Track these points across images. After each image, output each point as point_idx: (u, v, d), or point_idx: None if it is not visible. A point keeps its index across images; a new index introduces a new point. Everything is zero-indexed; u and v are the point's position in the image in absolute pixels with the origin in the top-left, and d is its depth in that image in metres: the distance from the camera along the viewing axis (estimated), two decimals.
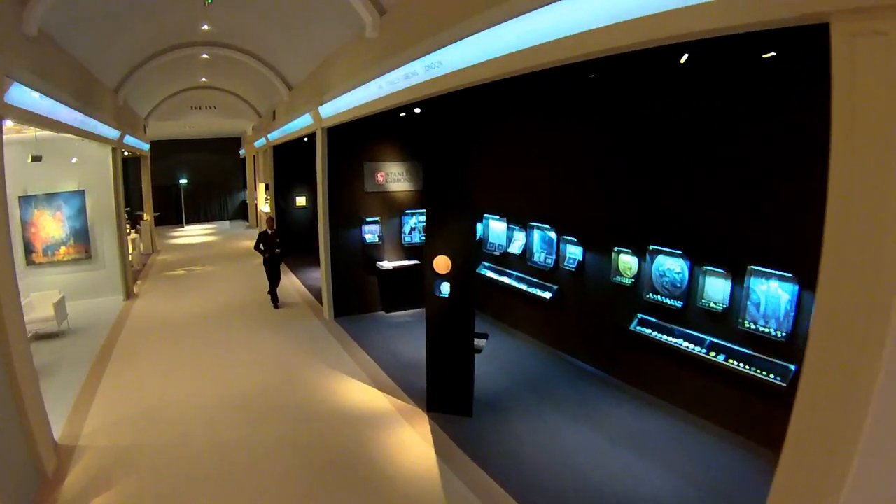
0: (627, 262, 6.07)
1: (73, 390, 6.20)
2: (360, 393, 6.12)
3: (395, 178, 9.12)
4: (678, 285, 5.53)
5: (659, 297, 5.71)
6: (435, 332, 5.51)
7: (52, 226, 10.46)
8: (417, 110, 6.28)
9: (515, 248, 8.07)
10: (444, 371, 5.50)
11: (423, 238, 9.36)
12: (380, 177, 8.99)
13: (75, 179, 10.35)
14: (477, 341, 5.55)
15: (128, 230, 13.10)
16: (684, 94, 5.35)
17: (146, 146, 15.23)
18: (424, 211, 9.30)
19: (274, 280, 9.75)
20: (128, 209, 21.50)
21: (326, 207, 8.32)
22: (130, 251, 13.74)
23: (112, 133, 9.40)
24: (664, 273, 5.66)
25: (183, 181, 22.91)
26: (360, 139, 8.61)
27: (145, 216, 15.97)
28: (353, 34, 6.52)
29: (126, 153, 14.04)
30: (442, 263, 5.28)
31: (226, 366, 6.91)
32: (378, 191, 8.98)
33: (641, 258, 5.90)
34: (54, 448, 4.88)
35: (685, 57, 3.68)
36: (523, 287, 7.77)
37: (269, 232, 9.48)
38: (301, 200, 14.66)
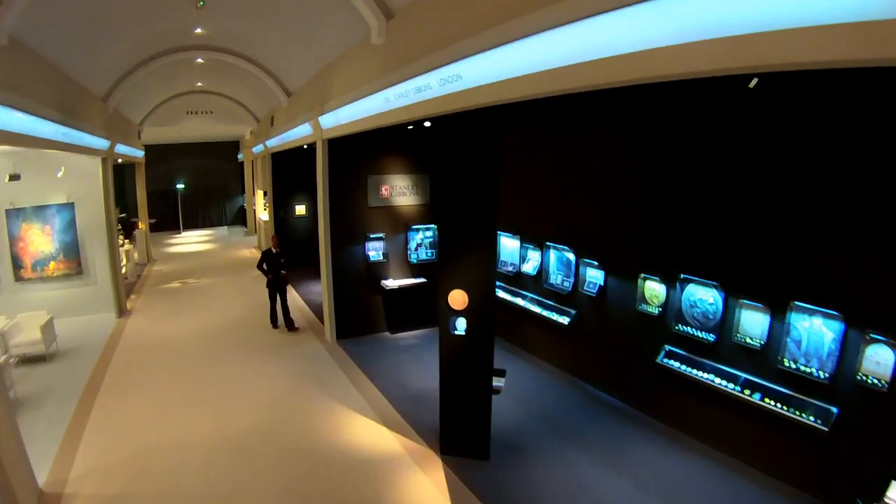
0: (654, 290, 5.65)
1: (61, 426, 5.74)
2: (368, 432, 5.64)
3: (400, 191, 8.63)
4: (710, 317, 5.11)
5: (689, 328, 5.31)
6: (449, 372, 5.03)
7: (40, 240, 9.99)
8: (428, 123, 5.78)
9: (530, 268, 7.60)
10: (460, 413, 5.02)
11: (430, 254, 8.95)
12: (384, 191, 8.50)
13: (64, 191, 9.86)
14: (495, 381, 5.06)
15: (121, 241, 12.64)
16: (722, 116, 4.87)
17: (140, 153, 14.74)
18: (432, 226, 8.84)
19: (280, 301, 9.03)
20: (123, 215, 21.07)
21: (327, 223, 7.83)
22: (124, 262, 13.28)
23: (101, 143, 8.91)
24: (695, 303, 5.24)
25: (180, 186, 22.41)
26: (363, 151, 8.11)
27: (140, 224, 15.48)
28: (356, 39, 6.03)
29: (120, 160, 13.56)
30: (458, 299, 4.80)
31: (223, 398, 6.43)
32: (383, 205, 8.48)
33: (670, 286, 5.46)
34: (38, 498, 4.43)
35: (755, 82, 3.18)
36: (539, 310, 7.29)
37: (274, 251, 8.75)
38: (300, 209, 14.16)
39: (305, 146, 10.72)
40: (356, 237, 8.34)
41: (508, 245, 8.07)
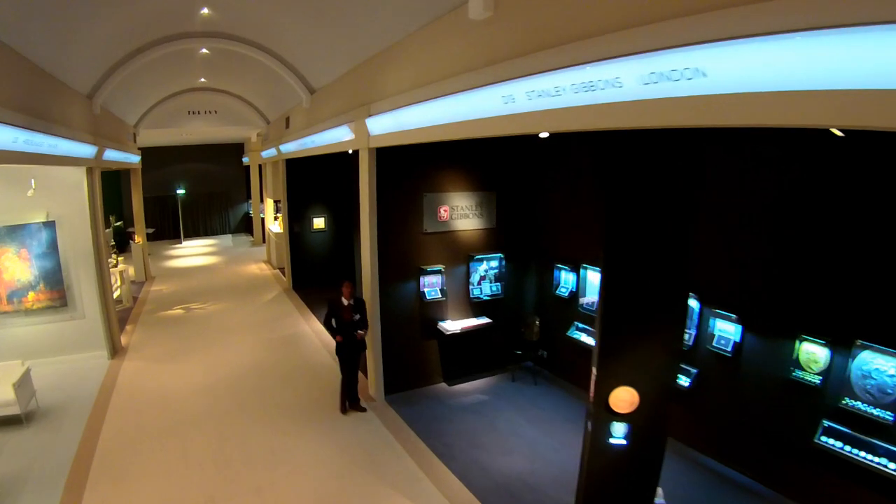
0: (814, 354, 4.43)
1: None
2: None
3: (461, 213, 6.98)
4: (889, 392, 4.00)
5: (858, 403, 4.16)
6: (597, 488, 3.40)
7: (16, 266, 8.30)
8: (545, 134, 4.11)
9: None
10: None
11: (496, 289, 7.28)
12: (443, 212, 6.83)
13: (43, 208, 8.19)
14: (658, 499, 3.46)
15: (114, 259, 10.97)
16: None
17: (136, 158, 13.06)
18: (498, 256, 7.22)
19: (350, 371, 6.27)
20: (119, 224, 19.44)
21: (375, 256, 6.16)
22: (118, 285, 11.63)
23: (85, 150, 7.24)
24: (869, 374, 4.14)
25: (180, 192, 20.74)
26: (416, 163, 6.45)
27: (136, 238, 13.81)
28: (439, 13, 4.34)
29: (115, 169, 11.90)
30: (625, 399, 3.17)
31: (252, 494, 4.77)
32: (441, 231, 6.81)
33: (836, 351, 4.29)
34: None
35: None
36: None
37: (347, 303, 6.00)
38: (319, 223, 12.49)
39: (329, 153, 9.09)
40: (408, 271, 6.66)
41: (596, 280, 6.45)
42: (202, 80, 12.35)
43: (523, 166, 7.35)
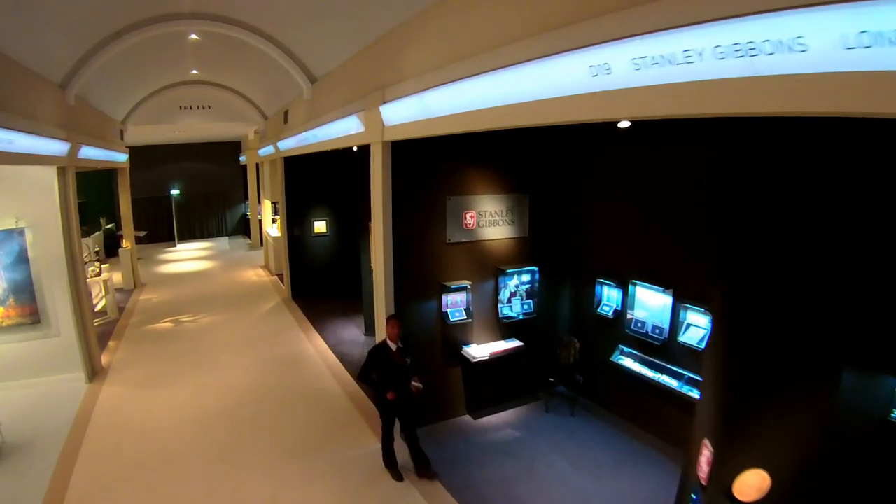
0: None
1: None
2: None
3: (490, 219, 6.04)
4: None
5: None
6: None
7: None
8: (625, 124, 3.18)
9: (691, 337, 5.04)
10: None
11: (528, 307, 6.29)
12: (469, 218, 5.89)
13: (11, 213, 7.25)
14: None
15: (97, 267, 10.04)
16: None
17: (123, 157, 12.12)
18: (533, 269, 6.29)
19: (402, 428, 5.06)
20: (110, 226, 18.49)
21: (390, 271, 5.22)
22: (101, 295, 10.70)
23: (53, 147, 6.30)
24: None
25: (175, 192, 19.78)
26: (436, 160, 5.51)
27: (125, 243, 12.87)
28: None
29: (100, 168, 10.97)
30: (754, 485, 2.26)
31: None
32: (467, 240, 5.88)
33: None
34: None
35: None
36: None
37: (395, 347, 4.78)
38: (320, 226, 11.55)
39: (332, 150, 8.17)
40: (428, 288, 5.71)
41: (648, 300, 5.53)
42: (194, 71, 11.42)
43: (560, 164, 6.41)
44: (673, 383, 5.19)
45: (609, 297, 6.13)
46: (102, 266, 10.63)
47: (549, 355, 6.47)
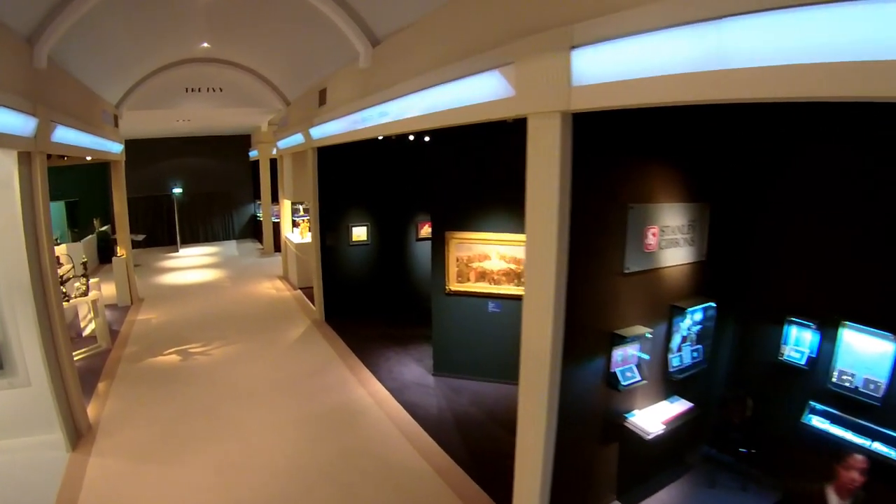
0: None
1: None
2: None
3: (671, 237, 4.08)
4: None
5: None
6: None
7: None
8: None
9: None
10: None
11: (697, 356, 4.27)
12: (651, 237, 3.89)
13: None
14: None
15: (81, 285, 7.96)
16: None
17: (117, 147, 10.06)
18: (710, 304, 4.34)
19: None
20: (105, 228, 16.40)
21: (560, 320, 3.15)
22: (89, 317, 8.64)
23: (13, 123, 4.25)
24: None
25: (177, 191, 17.72)
26: (612, 150, 3.49)
27: (119, 251, 10.78)
28: None
29: (89, 158, 8.90)
30: None
31: None
32: (646, 268, 3.91)
33: None
34: None
35: None
36: None
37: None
38: (359, 233, 9.49)
39: (381, 137, 6.13)
40: (593, 338, 3.68)
41: (862, 345, 3.92)
42: (204, 44, 9.39)
43: (749, 164, 4.52)
44: (892, 453, 3.58)
45: (800, 340, 4.41)
46: (91, 281, 8.57)
47: (711, 414, 4.62)
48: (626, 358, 3.82)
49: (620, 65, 2.57)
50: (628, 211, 3.67)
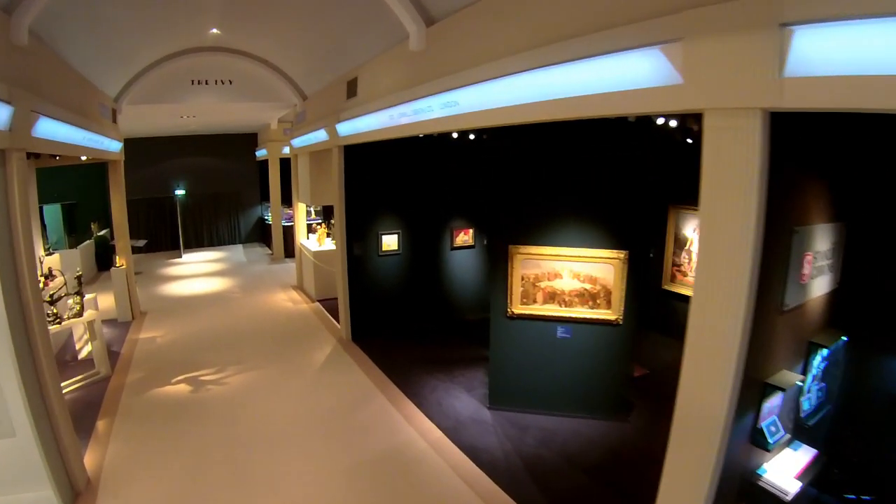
0: None
1: None
2: None
3: (820, 264, 3.29)
4: None
5: None
6: None
7: None
8: None
9: None
10: None
11: (820, 397, 3.25)
12: (807, 265, 3.01)
13: None
14: None
15: (74, 304, 6.92)
16: None
17: (115, 145, 9.04)
18: (841, 339, 3.44)
19: None
20: (104, 233, 15.36)
21: (740, 374, 2.29)
22: (85, 338, 7.64)
23: None
24: None
25: (180, 193, 16.70)
26: (776, 158, 2.55)
27: (118, 261, 9.75)
28: None
29: (84, 158, 7.86)
30: None
31: None
32: (800, 303, 3.07)
33: None
34: None
35: None
36: None
37: None
38: (390, 241, 8.46)
39: (436, 134, 5.09)
40: (746, 390, 2.73)
41: None
42: (214, 30, 8.39)
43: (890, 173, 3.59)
44: None
45: None
46: (87, 297, 7.55)
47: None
48: (772, 408, 2.93)
49: (858, 52, 1.63)
50: (793, 236, 2.78)
